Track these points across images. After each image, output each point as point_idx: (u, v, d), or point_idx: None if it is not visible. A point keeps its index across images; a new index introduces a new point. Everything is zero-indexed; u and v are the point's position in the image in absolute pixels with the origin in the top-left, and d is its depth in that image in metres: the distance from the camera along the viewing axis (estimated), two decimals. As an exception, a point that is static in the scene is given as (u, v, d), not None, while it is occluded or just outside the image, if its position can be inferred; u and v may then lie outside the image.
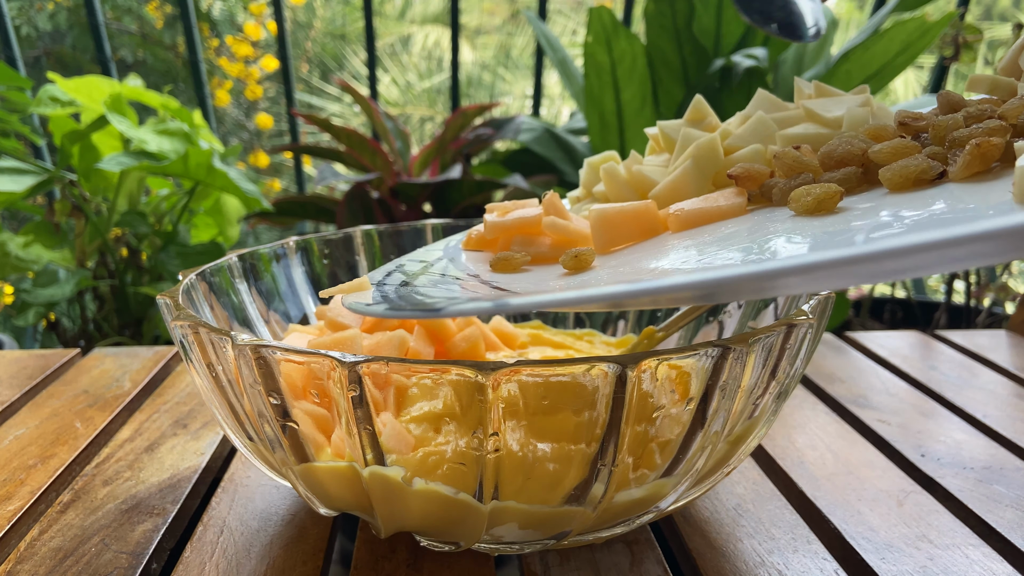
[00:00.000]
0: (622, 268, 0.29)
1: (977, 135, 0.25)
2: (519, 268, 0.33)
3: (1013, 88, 0.32)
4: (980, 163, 0.24)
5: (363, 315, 0.28)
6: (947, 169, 0.26)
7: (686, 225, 0.32)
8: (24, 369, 0.59)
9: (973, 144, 0.24)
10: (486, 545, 0.33)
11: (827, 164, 0.30)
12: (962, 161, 0.25)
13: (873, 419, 0.51)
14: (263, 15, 3.37)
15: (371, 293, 0.31)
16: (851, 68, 1.11)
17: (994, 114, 0.27)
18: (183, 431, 0.48)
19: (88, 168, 1.21)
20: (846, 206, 0.26)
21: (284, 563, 0.35)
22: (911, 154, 0.27)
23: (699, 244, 0.28)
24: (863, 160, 0.29)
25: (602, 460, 0.29)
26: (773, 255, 0.23)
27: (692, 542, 0.37)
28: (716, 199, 0.32)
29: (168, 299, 0.34)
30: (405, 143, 1.52)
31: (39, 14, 3.18)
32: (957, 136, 0.26)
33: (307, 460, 0.32)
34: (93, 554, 0.35)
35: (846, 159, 0.29)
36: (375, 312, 0.27)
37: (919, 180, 0.26)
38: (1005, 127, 0.25)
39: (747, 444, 0.34)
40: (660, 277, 0.19)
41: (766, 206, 0.32)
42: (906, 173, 0.26)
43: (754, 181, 0.32)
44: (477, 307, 0.23)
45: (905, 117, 0.30)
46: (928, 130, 0.29)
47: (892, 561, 0.35)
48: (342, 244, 0.51)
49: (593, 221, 0.33)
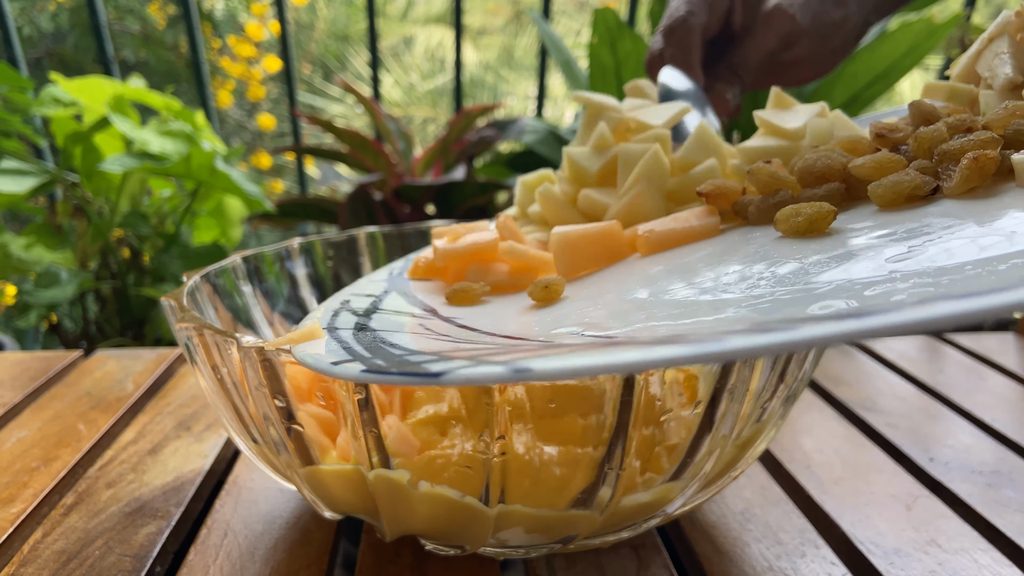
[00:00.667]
0: (600, 299, 0.28)
1: (971, 148, 0.24)
2: (478, 300, 0.31)
3: (972, 95, 0.31)
4: (978, 177, 0.24)
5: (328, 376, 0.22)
6: (940, 185, 0.25)
7: (656, 247, 0.31)
8: (26, 371, 0.59)
9: (971, 158, 0.23)
10: (492, 549, 0.33)
11: (806, 180, 0.29)
12: (959, 176, 0.24)
13: (881, 423, 0.51)
14: (265, 16, 3.37)
15: (326, 342, 0.25)
16: (857, 70, 1.11)
17: (974, 124, 0.26)
18: (187, 433, 0.48)
19: (90, 169, 1.20)
20: (837, 227, 0.25)
21: (288, 567, 0.35)
22: (896, 169, 0.26)
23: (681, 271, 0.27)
24: (844, 175, 0.28)
25: (609, 464, 0.28)
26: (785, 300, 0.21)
27: (699, 546, 0.37)
28: (687, 219, 0.31)
29: (173, 301, 0.34)
30: (408, 144, 1.52)
31: (41, 14, 3.18)
32: (948, 149, 0.25)
33: (312, 463, 0.31)
34: (97, 557, 0.35)
35: (826, 174, 0.28)
36: (345, 374, 0.21)
37: (911, 196, 0.25)
38: (996, 139, 0.24)
39: (755, 448, 0.34)
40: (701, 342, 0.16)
41: (740, 224, 0.30)
42: (898, 190, 0.25)
43: (725, 199, 0.31)
44: (489, 374, 0.18)
45: (881, 129, 0.29)
46: (907, 142, 0.28)
47: (901, 566, 0.35)
48: (346, 246, 0.51)
49: (555, 245, 0.31)
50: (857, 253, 0.22)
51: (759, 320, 0.19)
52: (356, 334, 0.26)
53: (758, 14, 0.48)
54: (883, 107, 3.36)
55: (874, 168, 0.26)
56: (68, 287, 1.15)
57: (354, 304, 0.32)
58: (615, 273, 0.30)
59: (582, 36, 4.75)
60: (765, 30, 0.48)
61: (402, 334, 0.27)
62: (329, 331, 0.27)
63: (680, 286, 0.25)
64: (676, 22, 0.47)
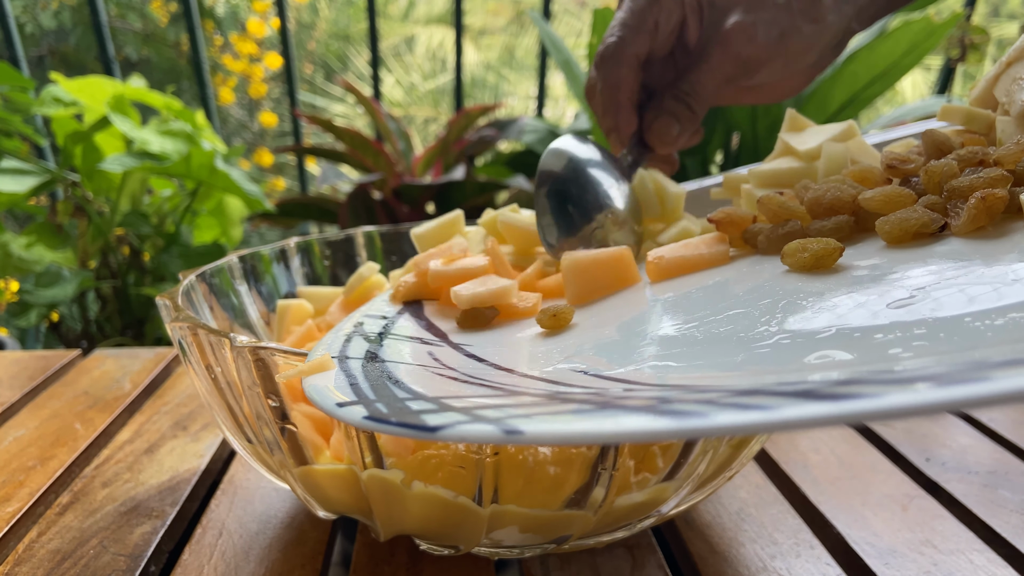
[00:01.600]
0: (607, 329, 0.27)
1: (979, 185, 0.24)
2: (489, 325, 0.31)
3: (989, 120, 0.31)
4: (985, 217, 0.23)
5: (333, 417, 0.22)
6: (948, 222, 0.24)
7: (666, 274, 0.31)
8: (25, 370, 0.59)
9: (978, 197, 0.23)
10: (486, 549, 0.33)
11: (815, 211, 0.29)
12: (967, 216, 0.23)
13: (877, 423, 0.50)
14: (267, 13, 3.37)
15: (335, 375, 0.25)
16: (857, 69, 1.11)
17: (986, 157, 0.26)
18: (183, 433, 0.48)
19: (91, 169, 1.21)
20: (844, 263, 0.25)
21: (283, 566, 0.35)
22: (905, 204, 0.26)
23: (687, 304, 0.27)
24: (853, 208, 0.28)
25: (603, 464, 0.28)
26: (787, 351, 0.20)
27: (694, 546, 0.37)
28: (697, 246, 0.31)
29: (167, 300, 0.34)
30: (408, 144, 1.52)
31: (43, 12, 3.18)
32: (957, 186, 0.25)
33: (306, 463, 0.31)
34: (91, 556, 0.35)
35: (835, 206, 0.28)
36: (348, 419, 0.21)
37: (919, 233, 0.25)
38: (1007, 176, 0.24)
39: (750, 448, 0.34)
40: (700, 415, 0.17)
41: (750, 252, 0.30)
42: (906, 227, 0.25)
43: (736, 226, 0.31)
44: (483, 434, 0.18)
45: (893, 160, 0.29)
46: (918, 174, 0.28)
47: (896, 567, 0.35)
48: (343, 245, 0.51)
49: (566, 271, 0.32)
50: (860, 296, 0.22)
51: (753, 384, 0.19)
52: (365, 366, 0.26)
53: (717, 30, 0.40)
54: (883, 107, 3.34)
55: (883, 202, 0.26)
56: (68, 286, 1.15)
57: (367, 327, 0.32)
58: (625, 301, 0.30)
59: (583, 36, 4.74)
60: (722, 54, 0.40)
61: (410, 367, 0.27)
62: (340, 361, 0.27)
63: (685, 321, 0.25)
64: (606, 50, 0.41)
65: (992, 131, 0.31)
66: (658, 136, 0.41)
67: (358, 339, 0.30)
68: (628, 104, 0.41)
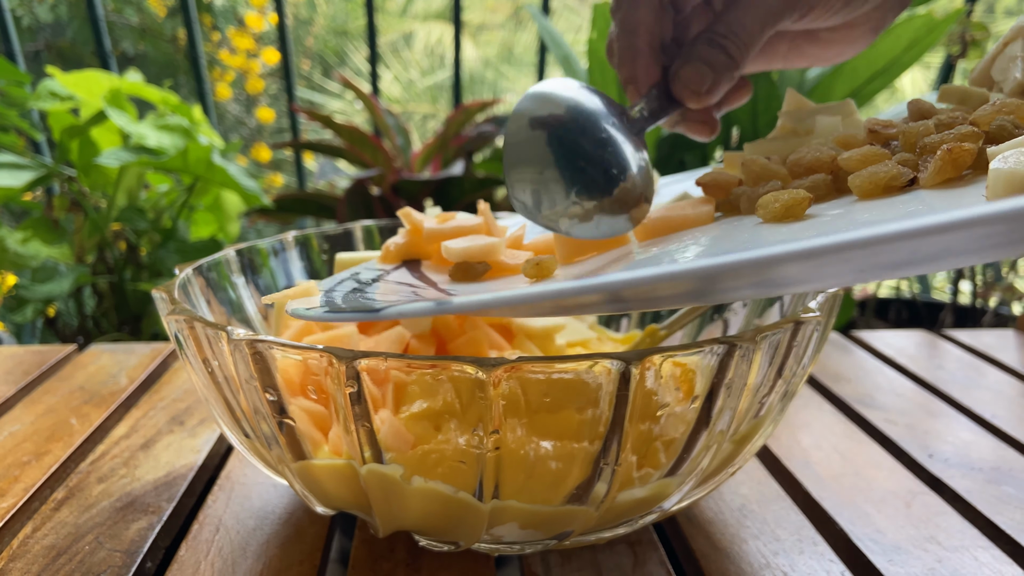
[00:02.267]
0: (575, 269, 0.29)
1: (948, 140, 0.25)
2: (479, 278, 0.32)
3: (984, 98, 0.32)
4: (952, 169, 0.24)
5: (303, 319, 0.26)
6: (917, 176, 0.25)
7: (652, 234, 0.32)
8: (20, 365, 0.58)
9: (944, 149, 0.24)
10: (486, 545, 0.32)
11: (796, 172, 0.29)
12: (933, 167, 0.24)
13: (880, 419, 0.50)
14: (265, 8, 3.36)
15: (317, 299, 0.29)
16: (857, 64, 1.10)
17: (963, 121, 0.26)
18: (179, 428, 0.48)
19: (87, 163, 1.20)
20: (815, 213, 0.26)
21: (281, 562, 0.34)
22: (880, 161, 0.27)
23: (668, 252, 0.27)
24: (832, 167, 0.29)
25: (605, 459, 0.28)
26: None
27: (696, 543, 0.36)
28: (683, 208, 0.32)
29: (164, 293, 0.33)
30: (406, 139, 1.51)
31: (40, 5, 3.17)
32: (928, 142, 0.25)
33: (304, 458, 0.31)
34: (87, 552, 0.35)
35: (815, 166, 0.29)
36: (314, 316, 0.26)
37: (889, 187, 0.25)
38: (977, 133, 0.25)
39: (752, 444, 0.33)
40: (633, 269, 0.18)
41: (735, 215, 0.31)
42: (875, 180, 0.25)
43: (722, 189, 0.32)
44: (418, 308, 0.22)
45: (875, 124, 0.29)
46: (898, 137, 0.28)
47: (900, 563, 0.34)
48: (341, 239, 0.50)
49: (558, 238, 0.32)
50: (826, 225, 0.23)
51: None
52: (347, 296, 0.28)
53: None
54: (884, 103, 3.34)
55: (859, 161, 0.27)
56: (65, 281, 1.15)
57: (362, 275, 0.34)
58: (611, 256, 0.31)
59: (582, 32, 4.73)
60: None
61: (390, 297, 0.28)
62: (325, 292, 0.29)
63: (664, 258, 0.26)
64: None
65: None
66: (686, 86, 0.34)
67: (349, 281, 0.32)
68: (647, 50, 0.35)
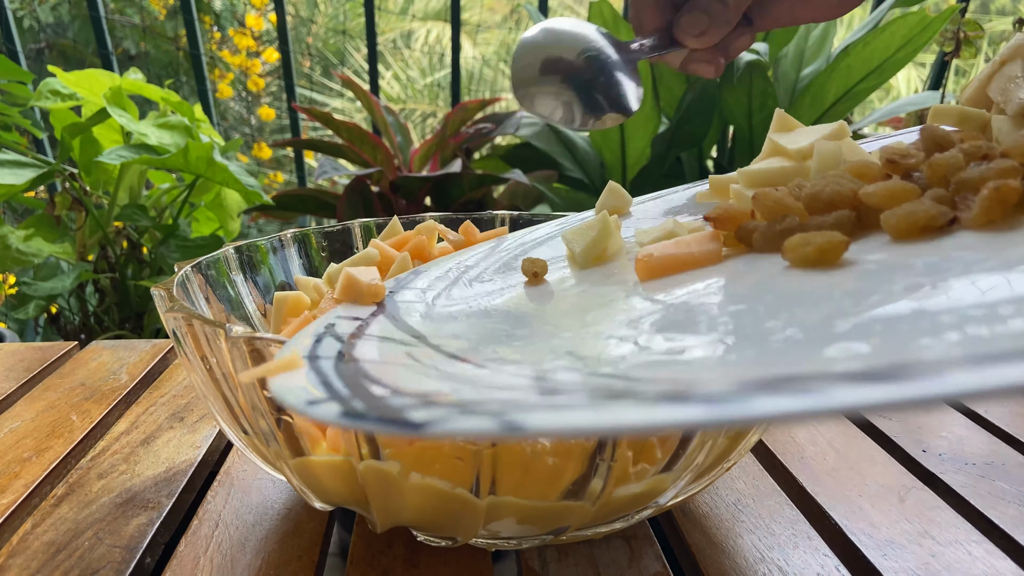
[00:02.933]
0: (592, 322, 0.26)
1: (990, 176, 0.23)
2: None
3: (983, 119, 0.30)
4: (999, 209, 0.22)
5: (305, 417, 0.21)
6: (957, 215, 0.23)
7: (655, 273, 0.29)
8: (21, 361, 0.59)
9: (992, 188, 0.22)
10: (483, 540, 0.33)
11: (813, 207, 0.27)
12: (980, 207, 0.22)
13: (874, 414, 0.50)
14: (265, 7, 3.36)
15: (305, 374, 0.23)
16: (852, 63, 1.11)
17: (991, 151, 0.25)
18: (180, 424, 0.48)
19: (89, 161, 1.20)
20: (850, 258, 0.24)
21: (279, 557, 0.34)
22: (910, 197, 0.25)
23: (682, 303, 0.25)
24: (854, 202, 0.27)
25: (601, 454, 0.28)
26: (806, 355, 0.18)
27: (691, 538, 0.37)
28: (688, 244, 0.30)
29: (162, 290, 0.33)
30: (406, 138, 1.51)
31: (41, 6, 3.18)
32: (966, 178, 0.24)
33: (302, 454, 0.31)
34: (86, 548, 0.35)
35: (835, 201, 0.27)
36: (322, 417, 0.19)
37: (926, 227, 0.23)
38: (1018, 168, 0.23)
39: (747, 439, 0.34)
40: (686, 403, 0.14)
41: (743, 251, 0.29)
42: (913, 220, 0.23)
43: (734, 222, 0.30)
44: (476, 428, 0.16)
45: (893, 154, 0.27)
46: (920, 168, 0.27)
47: (894, 558, 0.35)
48: (340, 237, 0.50)
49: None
50: (873, 287, 0.20)
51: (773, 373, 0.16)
52: (337, 365, 0.24)
53: None
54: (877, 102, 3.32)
55: (886, 196, 0.25)
56: (67, 279, 1.15)
57: (339, 328, 0.30)
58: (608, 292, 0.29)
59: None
60: None
61: (387, 365, 0.25)
62: (309, 360, 0.24)
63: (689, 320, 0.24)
64: None
65: (987, 130, 0.30)
66: (685, 30, 0.39)
67: (329, 339, 0.28)
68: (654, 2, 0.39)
